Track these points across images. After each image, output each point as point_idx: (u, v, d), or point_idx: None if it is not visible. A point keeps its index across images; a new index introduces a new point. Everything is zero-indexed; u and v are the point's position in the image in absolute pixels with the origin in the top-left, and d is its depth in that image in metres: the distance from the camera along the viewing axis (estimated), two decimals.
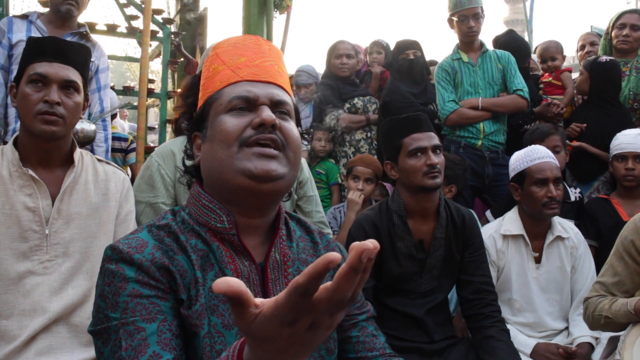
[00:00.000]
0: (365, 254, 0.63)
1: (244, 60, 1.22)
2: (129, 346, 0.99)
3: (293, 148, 1.18)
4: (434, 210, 2.40)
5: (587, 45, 4.59)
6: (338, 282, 0.65)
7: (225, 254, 1.15)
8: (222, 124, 1.15)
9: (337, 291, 0.65)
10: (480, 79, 3.84)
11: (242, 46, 1.25)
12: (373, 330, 1.38)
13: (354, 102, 4.27)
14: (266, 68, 1.22)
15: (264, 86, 1.19)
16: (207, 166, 1.19)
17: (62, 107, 1.86)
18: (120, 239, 1.13)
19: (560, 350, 2.49)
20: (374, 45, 4.90)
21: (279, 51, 1.31)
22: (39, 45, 1.92)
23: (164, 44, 5.03)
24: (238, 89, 1.18)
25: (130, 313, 1.02)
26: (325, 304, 0.67)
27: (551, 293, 2.70)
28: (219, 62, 1.24)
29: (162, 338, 1.01)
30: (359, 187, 3.44)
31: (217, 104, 1.19)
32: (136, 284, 1.05)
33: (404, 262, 2.38)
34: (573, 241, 2.73)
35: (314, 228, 1.38)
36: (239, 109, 1.16)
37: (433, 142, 2.35)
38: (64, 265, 1.86)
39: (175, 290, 1.08)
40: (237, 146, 1.13)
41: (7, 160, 1.87)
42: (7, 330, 1.77)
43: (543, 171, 2.60)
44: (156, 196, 2.31)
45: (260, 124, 1.14)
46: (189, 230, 1.17)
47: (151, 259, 1.08)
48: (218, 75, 1.22)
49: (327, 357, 1.24)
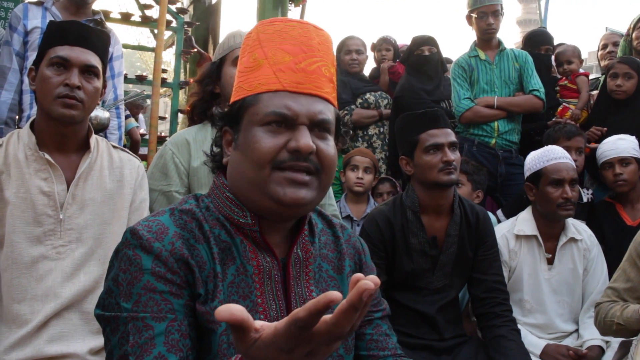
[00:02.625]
0: (366, 293, 0.65)
1: (289, 61, 1.12)
2: (136, 343, 0.99)
3: (327, 172, 1.14)
4: (448, 207, 2.39)
5: (610, 45, 4.53)
6: (337, 317, 0.67)
7: (249, 249, 1.14)
8: (256, 141, 1.09)
9: (336, 326, 0.68)
10: (496, 77, 3.82)
11: (288, 37, 1.14)
12: (387, 330, 1.37)
13: (366, 97, 4.26)
14: (312, 73, 1.13)
15: (306, 101, 1.11)
16: (235, 177, 1.16)
17: (82, 92, 1.86)
18: (141, 221, 1.11)
19: (571, 352, 2.47)
20: (382, 42, 4.85)
21: (329, 40, 1.21)
22: (61, 29, 1.90)
23: (178, 34, 5.03)
24: (277, 102, 1.10)
25: (141, 307, 1.01)
26: (324, 337, 0.69)
27: (562, 295, 2.68)
28: (260, 53, 1.15)
29: (170, 339, 1.00)
30: (358, 177, 3.43)
31: (253, 111, 1.12)
32: (151, 276, 1.03)
33: (416, 259, 2.37)
34: (586, 243, 2.71)
35: (336, 222, 1.36)
36: (276, 124, 1.10)
37: (450, 139, 2.34)
38: (77, 251, 1.85)
39: (191, 285, 1.07)
40: (269, 169, 1.08)
41: (23, 143, 1.86)
42: (19, 315, 1.76)
43: (559, 172, 2.58)
44: (169, 185, 2.30)
45: (295, 150, 1.08)
46: (214, 219, 1.15)
47: (171, 249, 1.06)
48: (259, 72, 1.14)
49: (345, 356, 1.23)
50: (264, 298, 1.12)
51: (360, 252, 1.36)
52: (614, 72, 3.69)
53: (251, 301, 1.10)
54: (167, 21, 4.51)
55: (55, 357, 1.76)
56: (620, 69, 3.67)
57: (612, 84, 3.68)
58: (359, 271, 1.33)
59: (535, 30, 4.47)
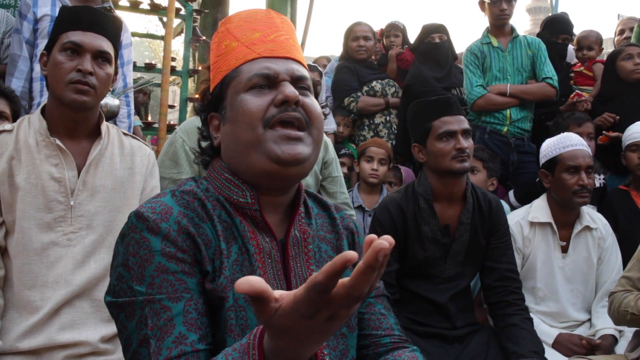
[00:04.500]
0: (382, 252, 0.66)
1: (259, 36, 1.18)
2: (155, 325, 0.99)
3: (317, 125, 1.16)
4: (461, 195, 2.37)
5: (627, 30, 4.46)
6: (355, 279, 0.68)
7: (248, 229, 1.14)
8: (244, 104, 1.12)
9: (354, 288, 0.69)
10: (509, 64, 3.79)
11: (253, 20, 1.21)
12: (381, 309, 1.34)
13: (372, 85, 4.23)
14: (282, 42, 1.19)
15: (282, 62, 1.16)
16: (230, 148, 1.17)
17: (94, 78, 1.84)
18: (143, 204, 1.11)
19: (584, 341, 2.46)
20: (390, 28, 4.80)
21: (291, 24, 1.28)
22: (73, 14, 1.89)
23: (187, 22, 5.01)
24: (257, 66, 1.14)
25: (156, 289, 1.01)
26: (343, 300, 0.70)
27: (576, 284, 2.66)
28: (231, 38, 1.20)
29: (188, 318, 1.01)
30: (373, 168, 3.41)
31: (235, 82, 1.16)
32: (162, 257, 1.03)
33: (428, 247, 2.35)
34: (601, 232, 2.68)
35: (330, 204, 1.37)
36: (259, 87, 1.13)
37: (463, 126, 2.31)
38: (87, 238, 1.85)
39: (200, 262, 1.07)
40: (262, 127, 1.10)
41: (34, 129, 1.85)
42: (29, 301, 1.76)
43: (575, 158, 2.55)
44: (180, 172, 2.30)
45: (283, 100, 1.11)
46: (214, 200, 1.16)
47: (177, 228, 1.06)
48: (232, 53, 1.19)
49: (348, 334, 1.23)
50: (266, 278, 1.12)
51: (353, 233, 1.36)
52: (627, 54, 3.67)
53: None
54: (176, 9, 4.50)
55: (67, 345, 1.76)
56: (634, 50, 3.66)
57: (629, 65, 3.65)
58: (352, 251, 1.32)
59: (558, 17, 4.39)
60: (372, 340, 1.30)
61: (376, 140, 3.63)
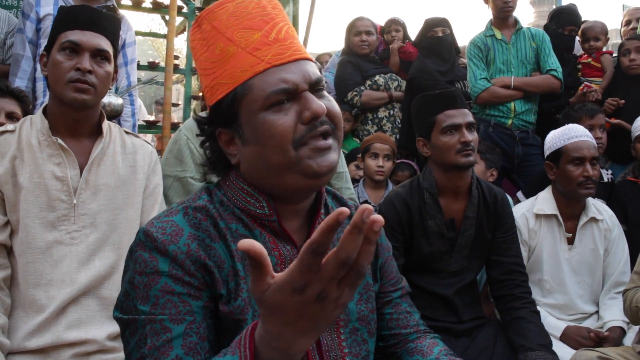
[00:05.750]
0: (367, 212, 0.66)
1: (259, 37, 1.08)
2: (153, 345, 0.97)
3: (339, 126, 1.12)
4: (466, 189, 2.35)
5: (634, 20, 4.42)
6: (342, 240, 0.68)
7: (269, 239, 1.11)
8: (269, 126, 1.04)
9: (341, 250, 0.68)
10: (513, 57, 3.77)
11: (244, 15, 1.10)
12: (407, 307, 1.36)
13: (375, 79, 4.21)
14: (285, 40, 1.09)
15: (295, 67, 1.07)
16: (256, 169, 1.11)
17: (94, 76, 1.84)
18: (154, 222, 1.07)
19: (591, 334, 2.44)
20: (391, 23, 4.78)
21: (280, 5, 1.17)
22: (71, 14, 1.89)
23: (189, 20, 5.00)
24: (271, 80, 1.05)
25: (159, 309, 0.99)
26: (332, 265, 0.69)
27: (582, 275, 2.65)
28: (225, 41, 1.09)
29: (188, 342, 0.98)
30: (378, 165, 3.39)
31: (249, 100, 1.06)
32: (169, 278, 1.01)
33: (434, 241, 2.34)
34: (607, 223, 2.67)
35: (351, 204, 1.34)
36: (280, 103, 1.05)
37: (467, 119, 2.29)
38: (91, 236, 1.85)
39: (210, 286, 1.05)
40: (293, 149, 1.04)
41: (36, 129, 1.86)
42: (34, 299, 1.76)
43: (580, 150, 2.53)
44: (184, 170, 2.29)
45: (312, 118, 1.05)
46: (229, 214, 1.12)
47: (186, 250, 1.03)
48: (233, 61, 1.08)
49: (369, 339, 1.22)
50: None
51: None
52: (625, 49, 3.68)
53: None
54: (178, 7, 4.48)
55: (74, 343, 1.76)
56: (631, 44, 3.66)
57: (625, 61, 3.67)
58: (375, 253, 1.33)
59: (565, 8, 4.34)
60: (401, 339, 1.32)
61: (380, 136, 3.60)
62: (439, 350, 1.29)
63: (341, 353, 1.15)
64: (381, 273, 1.34)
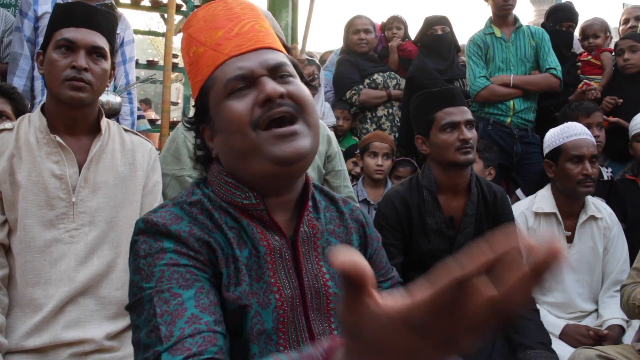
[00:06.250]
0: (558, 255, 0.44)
1: (222, 34, 1.12)
2: (165, 312, 0.95)
3: (308, 110, 1.11)
4: (465, 187, 2.35)
5: (632, 19, 4.42)
6: (511, 285, 0.44)
7: (257, 230, 1.11)
8: (227, 112, 1.08)
9: (507, 296, 0.45)
10: (512, 55, 3.76)
11: (212, 18, 1.15)
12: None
13: (374, 77, 4.21)
14: (247, 33, 1.13)
15: (254, 55, 1.10)
16: (228, 158, 1.13)
17: (90, 74, 1.83)
18: (151, 213, 1.08)
19: (591, 332, 2.44)
20: (393, 21, 4.78)
21: (253, 6, 1.21)
22: (66, 11, 1.88)
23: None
24: (229, 69, 1.09)
25: (165, 281, 0.98)
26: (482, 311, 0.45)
27: (582, 274, 2.65)
28: (196, 44, 1.15)
29: (200, 303, 0.97)
30: (378, 163, 3.38)
31: (214, 92, 1.11)
32: (174, 253, 1.01)
33: (433, 239, 2.34)
34: (607, 222, 2.66)
35: (338, 197, 1.34)
36: (239, 90, 1.08)
37: (466, 117, 2.29)
38: (90, 234, 1.84)
39: (215, 264, 1.05)
40: (252, 130, 1.06)
41: (34, 127, 1.85)
42: (33, 298, 1.76)
43: (579, 148, 2.53)
44: (182, 169, 2.29)
45: (265, 100, 1.06)
46: (217, 208, 1.12)
47: (189, 230, 1.04)
48: (202, 60, 1.13)
49: None
50: (277, 277, 1.10)
51: (363, 225, 1.33)
52: (619, 49, 3.70)
53: (265, 282, 1.08)
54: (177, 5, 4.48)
55: (72, 343, 1.76)
56: (624, 44, 3.68)
57: (620, 61, 3.69)
58: (364, 244, 1.31)
59: (561, 5, 4.35)
60: None
61: (378, 134, 3.60)
62: None
63: None
64: (370, 263, 1.31)
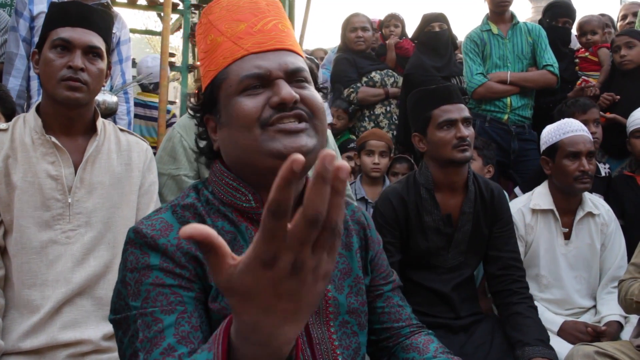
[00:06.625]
0: (328, 159, 0.56)
1: (244, 27, 1.11)
2: (145, 337, 0.97)
3: (319, 116, 1.11)
4: (463, 184, 2.35)
5: (630, 15, 4.42)
6: (307, 195, 0.58)
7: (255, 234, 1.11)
8: (238, 107, 1.07)
9: (307, 206, 0.57)
10: (509, 52, 3.76)
11: (236, 9, 1.13)
12: (399, 301, 1.37)
13: (372, 75, 4.22)
14: (270, 32, 1.12)
15: (273, 56, 1.09)
16: (230, 153, 1.13)
17: (86, 73, 1.83)
18: (143, 220, 1.09)
19: (589, 329, 2.44)
20: (391, 18, 4.79)
21: (279, 4, 1.20)
22: (62, 10, 1.87)
23: (185, 17, 4.97)
24: (246, 66, 1.08)
25: (150, 303, 0.99)
26: (301, 227, 0.59)
27: (579, 270, 2.64)
28: (215, 32, 1.13)
29: (180, 331, 0.97)
30: (374, 162, 3.38)
31: (226, 85, 1.10)
32: (160, 272, 1.01)
33: (431, 237, 2.33)
34: (604, 218, 2.66)
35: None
36: (253, 88, 1.07)
37: (463, 114, 2.29)
38: (86, 235, 1.84)
39: (202, 278, 1.05)
40: (259, 128, 1.05)
41: (29, 127, 1.84)
42: (29, 300, 1.75)
43: (576, 144, 2.53)
44: (178, 168, 2.28)
45: (279, 103, 1.05)
46: (215, 212, 1.12)
47: (177, 243, 1.04)
48: (219, 50, 1.12)
49: (359, 332, 1.22)
50: None
51: (365, 227, 1.34)
52: (616, 46, 3.70)
53: None
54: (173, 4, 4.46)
55: (69, 344, 1.76)
56: (620, 40, 3.67)
57: (617, 57, 3.69)
58: (365, 246, 1.32)
59: (559, 1, 4.35)
60: (394, 332, 1.32)
61: (375, 132, 3.60)
62: (435, 348, 1.29)
63: (332, 345, 1.15)
64: (372, 266, 1.34)
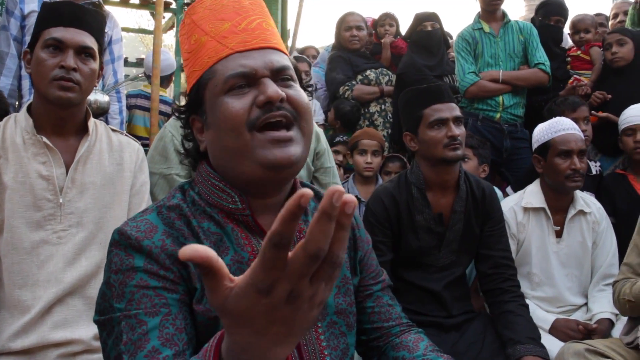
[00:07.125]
0: (337, 195, 0.56)
1: (228, 26, 1.10)
2: (129, 340, 0.96)
3: (305, 117, 1.11)
4: (454, 183, 2.35)
5: (621, 14, 4.45)
6: (310, 230, 0.58)
7: (241, 235, 1.11)
8: (224, 108, 1.06)
9: (309, 242, 0.58)
10: (501, 50, 3.77)
11: (219, 8, 1.13)
12: (389, 300, 1.36)
13: (366, 74, 4.23)
14: (254, 30, 1.11)
15: (258, 54, 1.09)
16: (217, 155, 1.12)
17: (78, 74, 1.82)
18: (128, 221, 1.08)
19: (580, 326, 2.45)
20: (385, 17, 4.80)
21: (262, 2, 1.20)
22: (54, 10, 1.86)
23: (177, 15, 4.97)
24: (231, 65, 1.07)
25: (135, 305, 0.99)
26: (302, 261, 0.59)
27: (571, 268, 2.66)
28: (199, 32, 1.13)
29: (164, 333, 0.97)
30: (367, 161, 3.39)
31: (212, 85, 1.09)
32: (144, 273, 1.01)
33: (422, 236, 2.34)
34: (595, 216, 2.67)
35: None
36: (239, 87, 1.07)
37: (454, 113, 2.29)
38: (77, 235, 1.84)
39: (187, 280, 1.05)
40: (247, 131, 1.04)
41: (20, 127, 1.84)
42: (20, 300, 1.75)
43: (568, 143, 2.54)
44: (170, 167, 2.28)
45: (265, 102, 1.05)
46: (200, 213, 1.12)
47: (161, 245, 1.04)
48: (203, 49, 1.11)
49: (348, 332, 1.22)
50: None
51: (353, 227, 1.34)
52: (607, 44, 3.71)
53: None
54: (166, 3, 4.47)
55: (60, 343, 1.76)
56: (612, 38, 3.68)
57: (608, 55, 3.71)
58: (354, 246, 1.32)
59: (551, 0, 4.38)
60: (384, 332, 1.32)
61: (367, 132, 3.59)
62: (424, 346, 1.29)
63: (319, 346, 1.15)
64: (361, 266, 1.34)
